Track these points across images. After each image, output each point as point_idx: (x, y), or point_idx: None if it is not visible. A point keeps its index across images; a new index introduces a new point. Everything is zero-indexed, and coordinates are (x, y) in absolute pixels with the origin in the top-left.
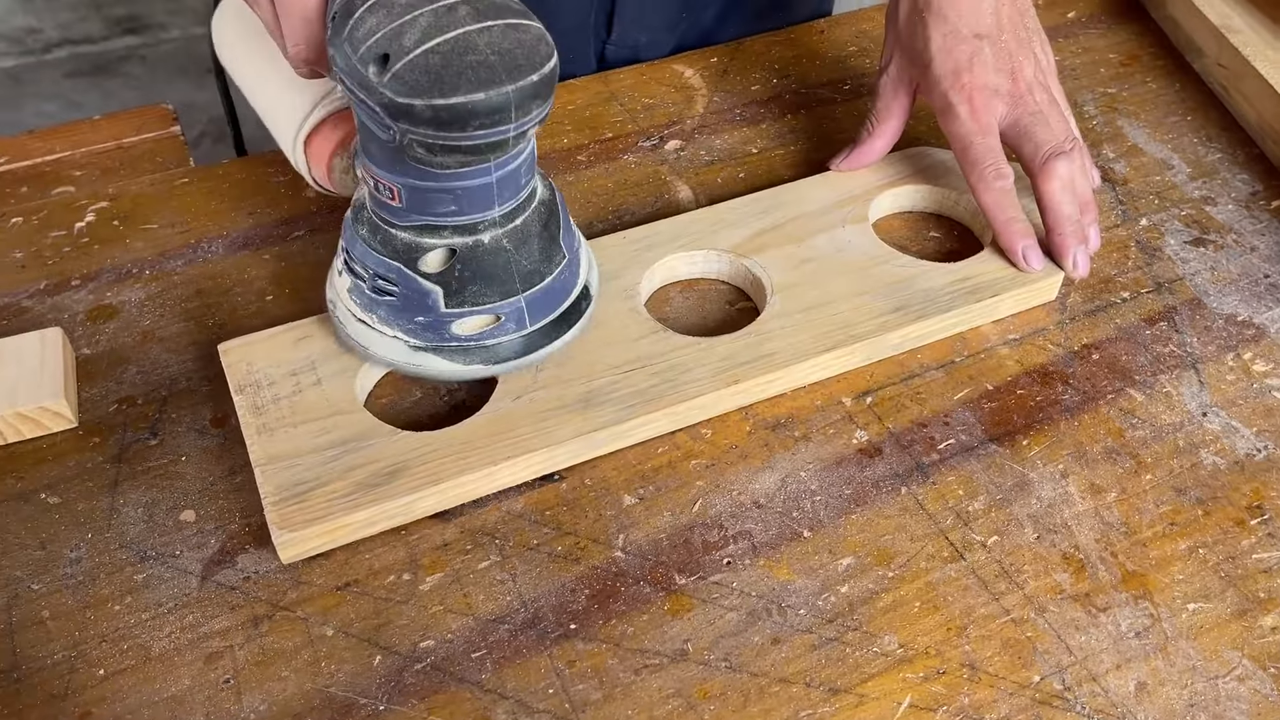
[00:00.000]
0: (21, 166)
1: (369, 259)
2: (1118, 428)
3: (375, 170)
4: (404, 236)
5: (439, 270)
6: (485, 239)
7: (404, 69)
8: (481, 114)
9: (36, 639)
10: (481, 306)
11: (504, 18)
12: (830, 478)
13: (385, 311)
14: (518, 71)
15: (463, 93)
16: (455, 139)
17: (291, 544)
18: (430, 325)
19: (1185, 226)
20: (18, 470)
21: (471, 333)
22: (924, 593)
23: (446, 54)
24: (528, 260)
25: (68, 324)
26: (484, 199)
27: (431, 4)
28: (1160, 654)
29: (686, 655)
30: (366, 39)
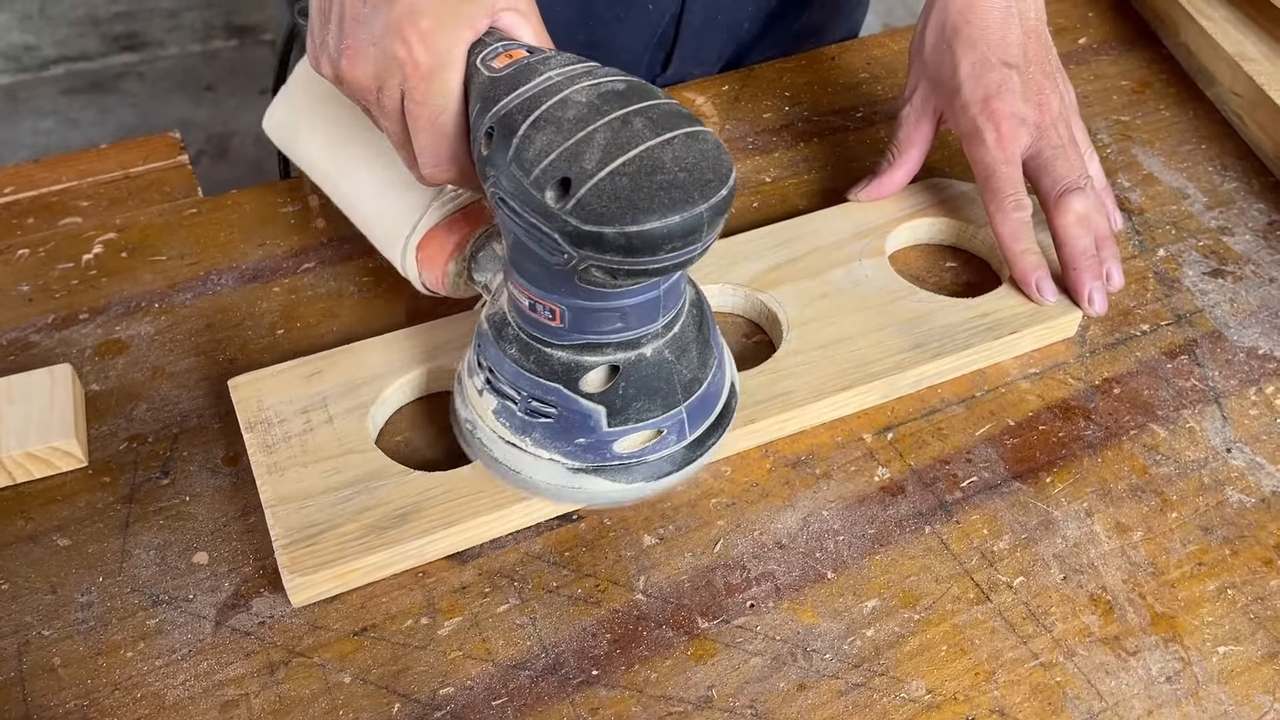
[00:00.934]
0: (27, 197)
1: (521, 380)
2: (1141, 464)
3: (533, 291)
4: (562, 356)
5: (601, 389)
6: (648, 352)
7: (589, 194)
8: (676, 237)
9: (48, 687)
10: (645, 422)
11: (681, 127)
12: (853, 516)
13: (541, 434)
14: (708, 188)
15: (657, 217)
16: (644, 263)
17: (302, 588)
18: (591, 446)
19: (1203, 257)
20: (27, 511)
21: (634, 450)
22: (951, 636)
23: (634, 175)
24: (688, 368)
25: (76, 359)
26: (650, 313)
27: (603, 116)
28: (1192, 699)
29: (711, 702)
30: (539, 160)
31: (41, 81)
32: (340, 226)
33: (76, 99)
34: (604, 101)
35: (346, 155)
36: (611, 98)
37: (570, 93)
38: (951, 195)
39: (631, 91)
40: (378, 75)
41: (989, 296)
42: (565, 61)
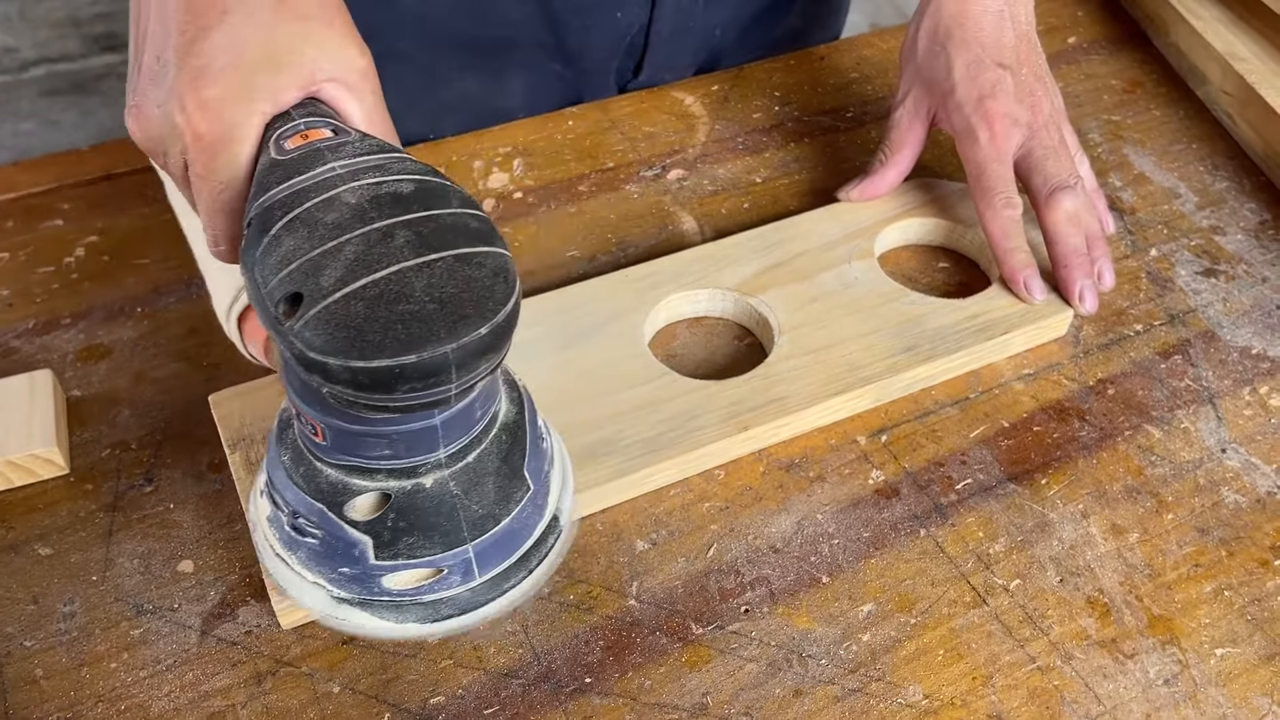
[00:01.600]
0: (7, 199)
1: (289, 494)
2: (1137, 465)
3: (298, 403)
4: (330, 475)
5: (369, 518)
6: (427, 483)
7: (317, 318)
8: (413, 378)
9: (30, 699)
10: (420, 559)
11: (453, 247)
12: (847, 520)
13: (306, 555)
14: (462, 325)
15: (388, 355)
16: (381, 401)
17: (292, 609)
18: (357, 577)
19: (1195, 257)
20: (8, 520)
21: (406, 587)
22: (947, 640)
23: (372, 301)
24: (479, 504)
25: (57, 365)
26: (427, 442)
27: (365, 225)
28: (1190, 702)
29: (706, 709)
30: (280, 268)
31: (21, 83)
32: None
33: (57, 100)
34: (374, 206)
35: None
36: (385, 202)
37: (343, 191)
38: (940, 195)
39: (416, 196)
40: (161, 139)
41: (979, 297)
42: (363, 150)
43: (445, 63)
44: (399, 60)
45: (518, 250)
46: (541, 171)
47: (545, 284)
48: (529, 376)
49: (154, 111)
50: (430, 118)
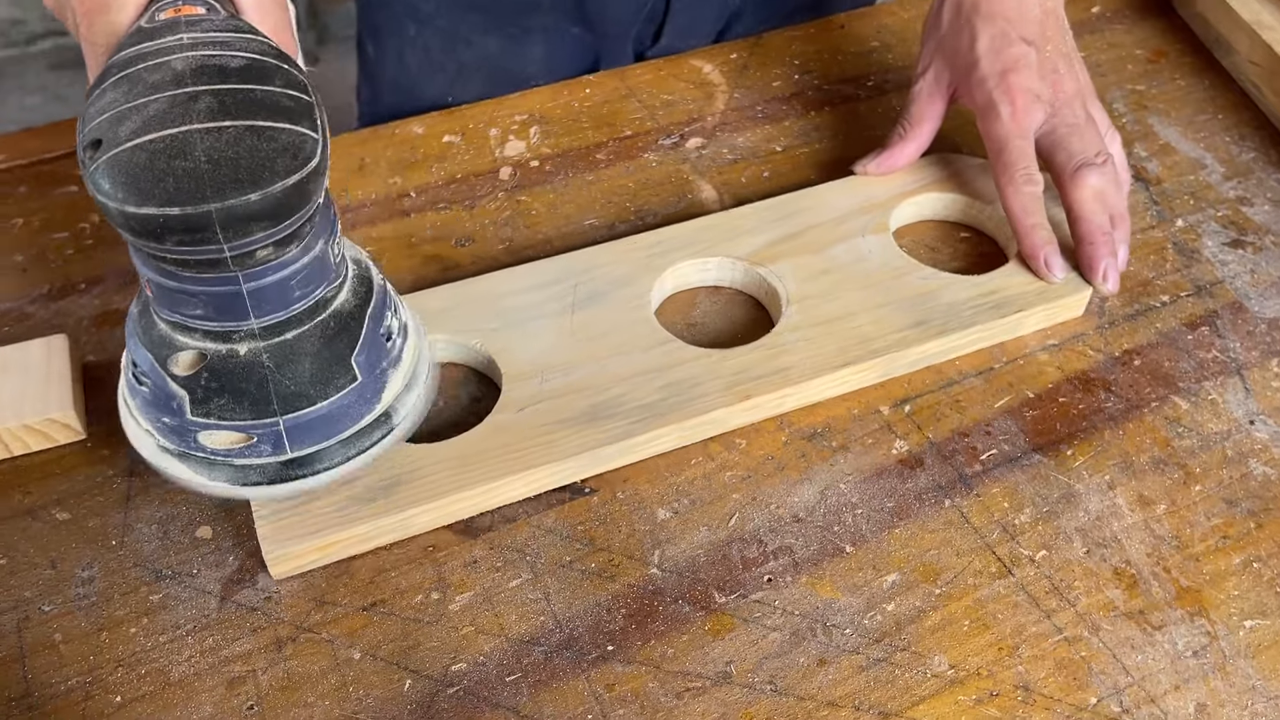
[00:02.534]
0: (20, 165)
1: (130, 342)
2: (1164, 437)
3: (132, 254)
4: (160, 330)
5: (187, 374)
6: (240, 350)
7: (108, 163)
8: (178, 230)
9: (49, 664)
10: (229, 422)
11: (250, 118)
12: (871, 490)
13: (140, 402)
14: (231, 188)
15: (155, 204)
16: (155, 250)
17: (283, 559)
18: (176, 429)
19: (1222, 228)
20: (25, 485)
21: (220, 447)
22: (973, 610)
23: (154, 153)
24: (293, 382)
25: (73, 330)
26: (236, 309)
27: (178, 88)
28: (1219, 674)
29: (730, 678)
30: (94, 117)
31: (28, 57)
32: (341, 196)
33: (64, 74)
34: (195, 75)
35: None
36: (209, 72)
37: (174, 58)
38: (958, 170)
39: (240, 72)
40: (57, 6)
41: (995, 274)
42: (220, 27)
43: (467, 24)
44: (422, 22)
45: (535, 218)
46: (559, 139)
47: (564, 252)
48: (533, 338)
49: None
50: (449, 81)
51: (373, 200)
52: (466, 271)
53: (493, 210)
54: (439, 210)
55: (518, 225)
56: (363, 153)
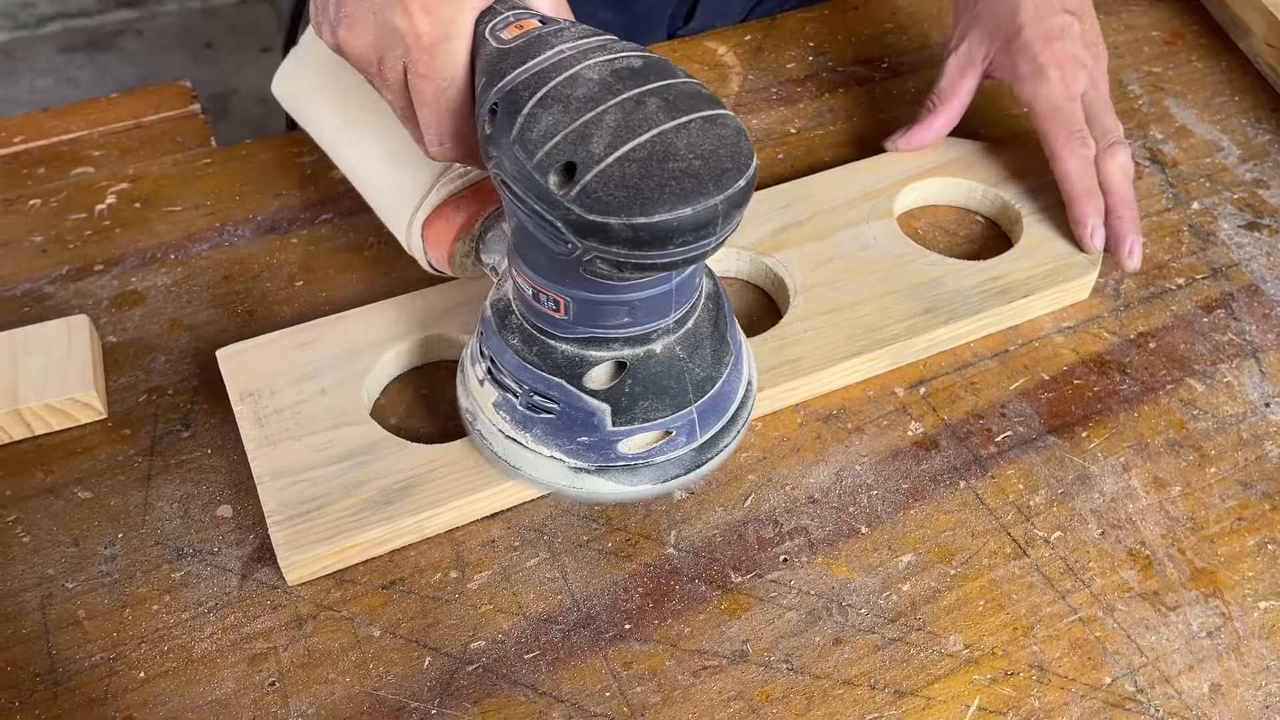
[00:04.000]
0: (37, 146)
1: (523, 373)
2: (1179, 419)
3: (537, 280)
4: (566, 349)
5: (606, 386)
6: (658, 349)
7: (595, 182)
8: (687, 230)
9: (73, 640)
10: (652, 422)
11: (698, 110)
12: (886, 471)
13: (542, 430)
14: (724, 178)
15: (666, 209)
16: (652, 258)
17: (298, 565)
18: (594, 445)
19: (1238, 210)
20: (47, 464)
21: (639, 451)
22: (988, 591)
23: (644, 161)
24: (700, 366)
25: (92, 310)
26: (661, 308)
27: (615, 96)
28: (1233, 654)
29: (746, 656)
30: (544, 142)
31: (38, 39)
32: None
33: (74, 57)
34: (617, 79)
35: (354, 125)
36: (625, 75)
37: (581, 69)
38: (960, 155)
39: (648, 69)
40: (378, 46)
41: (1000, 259)
42: (580, 34)
43: None
44: None
45: None
46: None
47: None
48: None
49: (369, 19)
50: None
51: None
52: None
53: None
54: None
55: None
56: None
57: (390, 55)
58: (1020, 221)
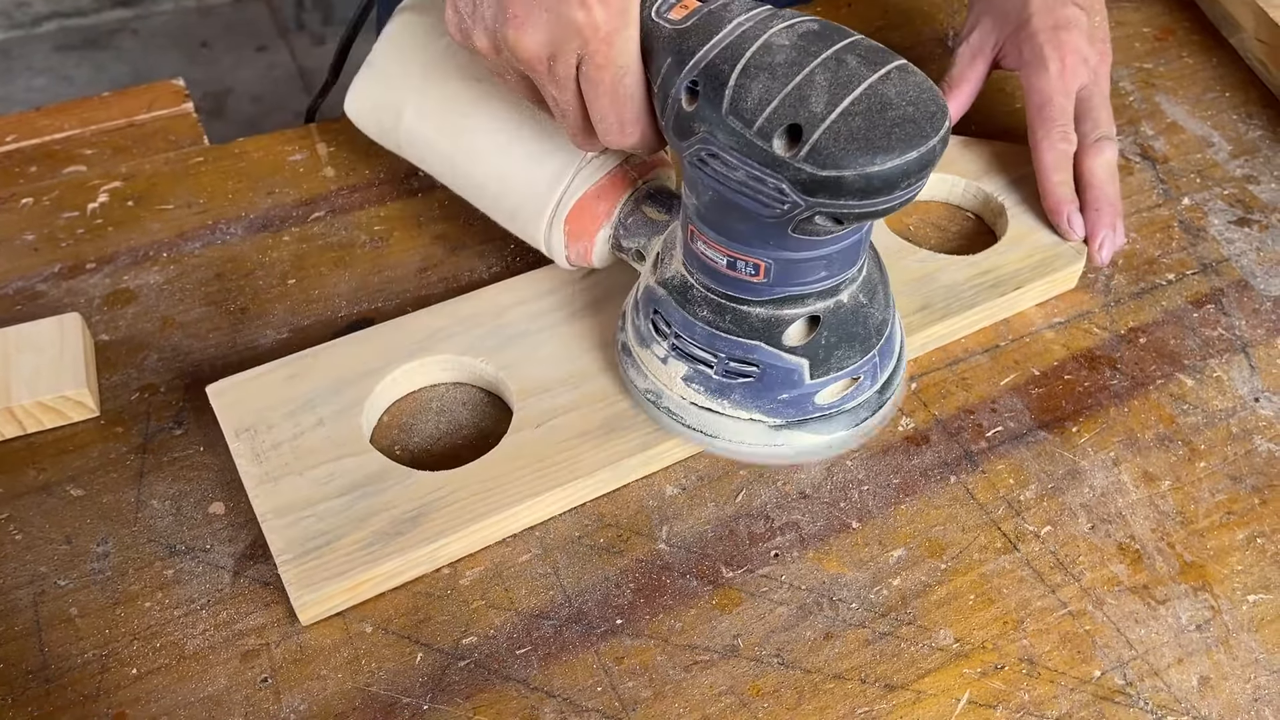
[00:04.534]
0: (30, 145)
1: (718, 343)
2: (1169, 414)
3: (735, 248)
4: (761, 312)
5: (803, 341)
6: (845, 299)
7: (824, 139)
8: (912, 173)
9: (65, 637)
10: (845, 370)
11: (889, 62)
12: (877, 466)
13: (741, 394)
14: (935, 120)
15: (896, 154)
16: (877, 205)
17: (312, 604)
18: (794, 400)
19: (1229, 206)
20: (39, 462)
21: (833, 400)
22: (978, 585)
23: (864, 114)
24: (878, 310)
25: (84, 309)
26: (851, 258)
27: (814, 58)
28: (1222, 647)
29: (737, 651)
30: (761, 109)
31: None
32: (350, 175)
33: (70, 55)
34: (807, 43)
35: (464, 131)
36: (811, 38)
37: (770, 37)
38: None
39: (826, 30)
40: (551, 43)
41: (989, 253)
42: (744, 6)
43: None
44: None
45: None
46: None
47: None
48: (540, 348)
49: (541, 16)
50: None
51: (381, 179)
52: (474, 251)
53: None
54: (447, 189)
55: None
56: None
57: (565, 50)
58: (1004, 214)
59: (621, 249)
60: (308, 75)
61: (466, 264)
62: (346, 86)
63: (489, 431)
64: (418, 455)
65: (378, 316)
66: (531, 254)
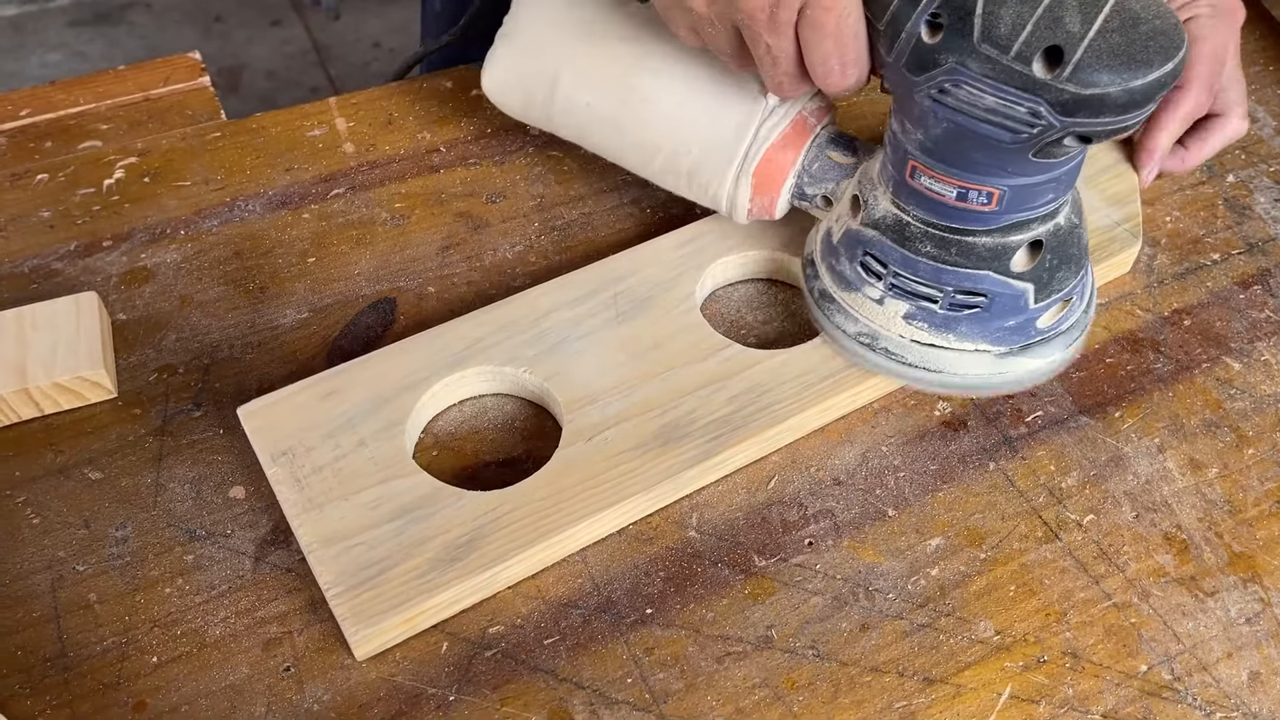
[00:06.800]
0: (45, 120)
1: (945, 276)
2: (1215, 399)
3: (969, 179)
4: (987, 241)
5: (1029, 266)
6: (1061, 221)
7: (1087, 57)
8: (1168, 84)
9: (84, 624)
10: (1063, 290)
11: None
12: (913, 452)
13: (967, 326)
14: (1179, 31)
15: (1157, 66)
16: (1129, 119)
17: (367, 639)
18: (1019, 327)
19: (1275, 183)
20: (56, 444)
21: (1050, 323)
22: (1019, 575)
23: (1119, 30)
24: (1085, 230)
25: (101, 287)
26: (1071, 178)
27: None
28: (1272, 641)
29: (771, 642)
30: (1016, 34)
31: (48, 13)
32: (369, 151)
33: (83, 31)
34: None
35: (634, 91)
36: None
37: None
38: None
39: None
40: None
41: None
42: None
43: None
44: None
45: (566, 174)
46: None
47: (596, 210)
48: (584, 354)
49: None
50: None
51: (401, 155)
52: (497, 229)
53: (523, 166)
54: (469, 166)
55: (549, 181)
56: (391, 107)
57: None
58: None
59: (805, 197)
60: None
61: (489, 242)
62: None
63: (536, 445)
64: (463, 473)
65: (399, 296)
66: (556, 231)
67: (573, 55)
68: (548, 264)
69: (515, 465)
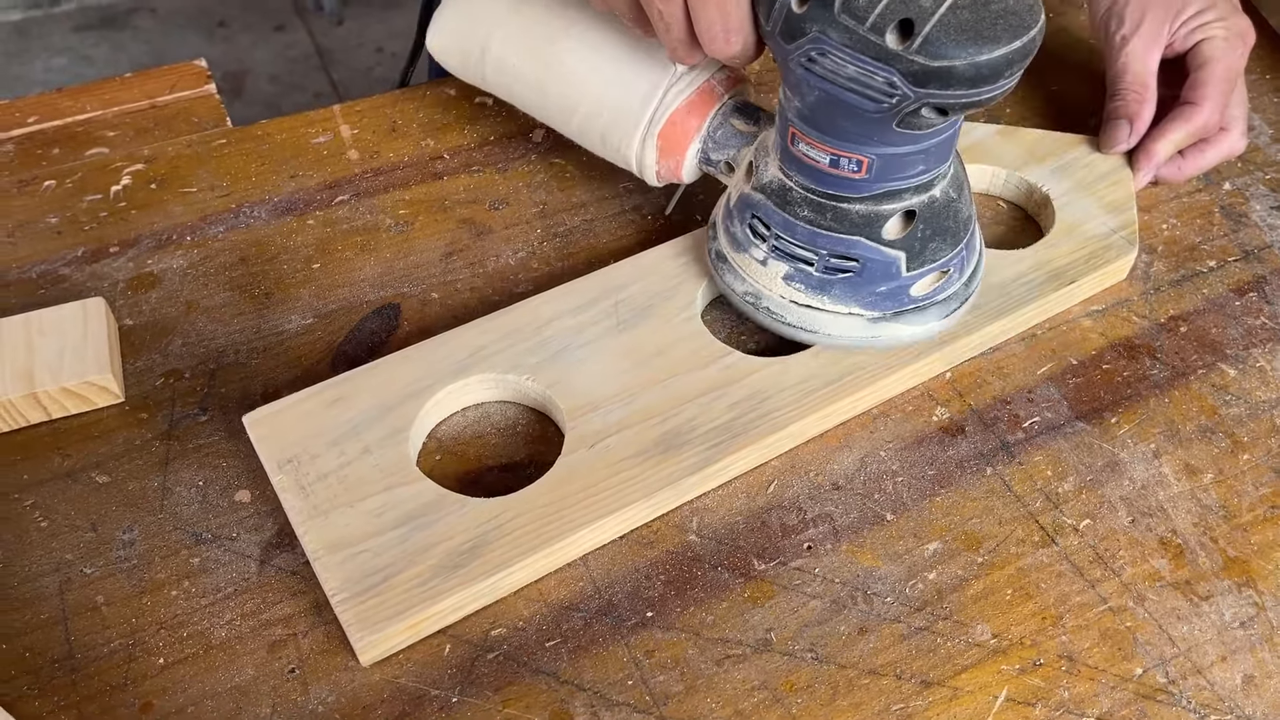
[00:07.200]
0: (52, 126)
1: (819, 240)
2: (1211, 405)
3: (840, 146)
4: (860, 209)
5: (901, 235)
6: (937, 193)
7: (935, 31)
8: (1016, 62)
9: (91, 626)
10: (938, 261)
11: None
12: (912, 457)
13: (840, 289)
14: (1033, 12)
15: (1003, 44)
16: (982, 94)
17: (372, 645)
18: (891, 293)
19: (1271, 191)
20: (64, 448)
21: (924, 292)
22: (1016, 579)
23: (970, 7)
24: (964, 204)
25: (108, 293)
26: (945, 152)
27: None
28: (1267, 645)
29: (770, 645)
30: (872, 6)
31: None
32: (373, 158)
33: (88, 36)
34: None
35: (556, 56)
36: None
37: None
38: (977, 140)
39: None
40: None
41: (1038, 246)
42: None
43: None
44: None
45: (569, 181)
46: None
47: (599, 216)
48: (586, 362)
49: None
50: None
51: (405, 162)
52: (500, 235)
53: (526, 173)
54: (472, 173)
55: (551, 188)
56: (394, 114)
57: None
58: (1049, 205)
59: (710, 162)
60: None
61: (492, 248)
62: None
63: (538, 449)
64: (466, 477)
65: (403, 302)
66: (558, 237)
67: (503, 20)
68: (550, 270)
69: (517, 470)
